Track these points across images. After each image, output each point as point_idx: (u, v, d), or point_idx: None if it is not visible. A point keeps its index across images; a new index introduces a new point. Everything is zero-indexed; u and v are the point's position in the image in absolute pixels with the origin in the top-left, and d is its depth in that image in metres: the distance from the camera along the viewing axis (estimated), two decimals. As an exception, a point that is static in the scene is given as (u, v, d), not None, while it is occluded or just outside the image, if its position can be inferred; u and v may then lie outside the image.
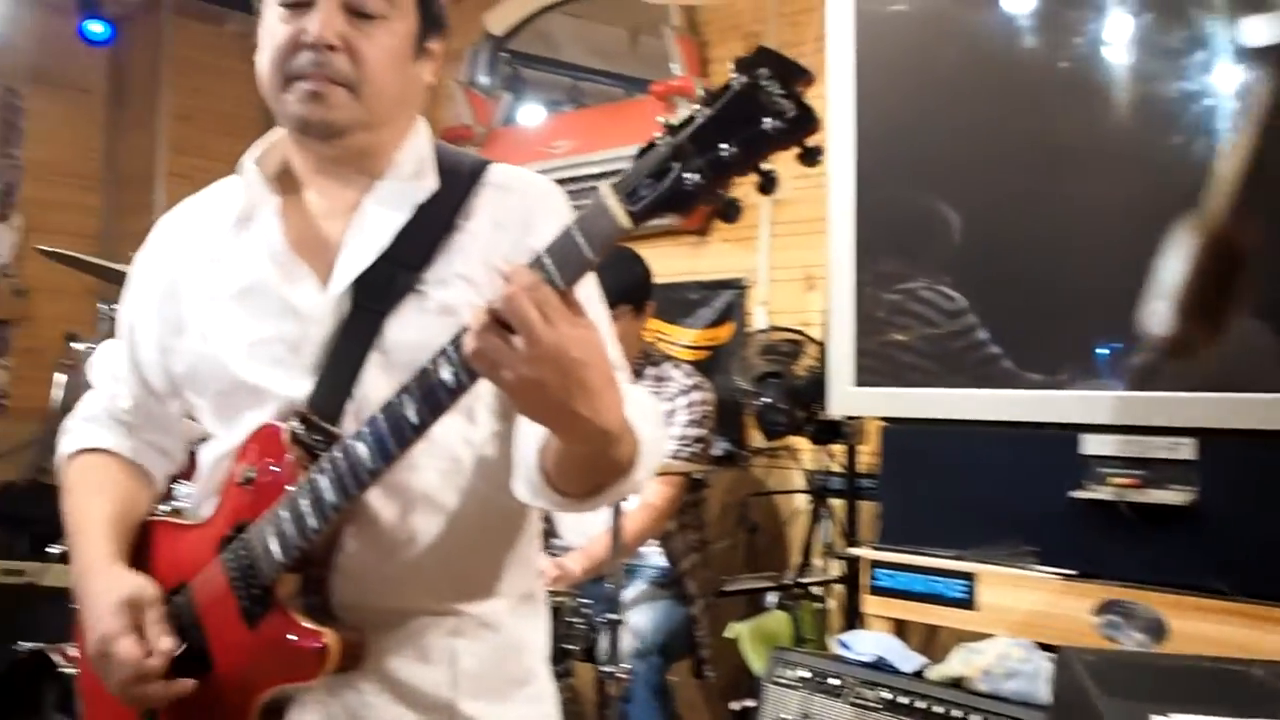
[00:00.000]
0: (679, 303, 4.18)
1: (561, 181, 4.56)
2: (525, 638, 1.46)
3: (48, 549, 4.04)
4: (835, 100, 2.83)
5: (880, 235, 2.85)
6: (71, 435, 1.57)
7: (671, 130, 1.03)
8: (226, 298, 1.42)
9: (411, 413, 1.18)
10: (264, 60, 1.36)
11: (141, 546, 1.48)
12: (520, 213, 1.38)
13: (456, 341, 1.13)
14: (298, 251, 1.39)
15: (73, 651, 3.00)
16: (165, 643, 1.34)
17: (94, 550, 1.43)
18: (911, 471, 2.79)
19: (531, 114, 5.24)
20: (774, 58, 1.00)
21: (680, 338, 4.19)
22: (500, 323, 1.06)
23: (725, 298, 4.11)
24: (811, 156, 1.02)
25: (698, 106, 1.02)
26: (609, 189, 1.04)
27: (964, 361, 2.70)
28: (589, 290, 1.36)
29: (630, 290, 3.23)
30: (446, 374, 1.14)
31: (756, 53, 1.00)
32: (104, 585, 1.38)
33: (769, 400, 3.29)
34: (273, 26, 1.35)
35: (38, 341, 5.56)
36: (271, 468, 1.33)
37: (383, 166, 1.40)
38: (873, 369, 2.83)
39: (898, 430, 2.85)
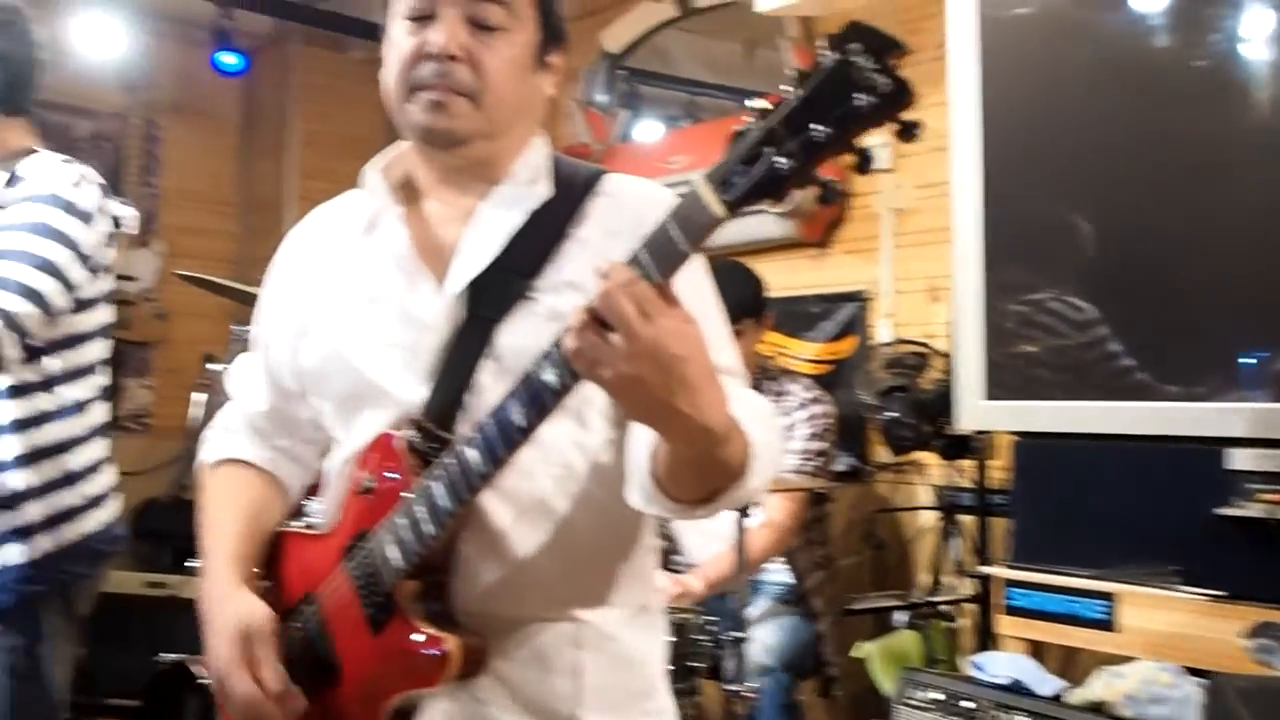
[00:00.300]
0: (800, 316, 4.14)
1: (681, 197, 4.52)
2: (645, 650, 1.45)
3: (188, 563, 4.19)
4: (959, 107, 2.78)
5: (1007, 244, 2.79)
6: (210, 445, 1.62)
7: (762, 114, 1.01)
8: (351, 302, 1.45)
9: (518, 416, 1.18)
10: (389, 71, 1.39)
11: (273, 558, 1.52)
12: (632, 219, 1.35)
13: (559, 343, 1.13)
14: (420, 256, 1.42)
15: (212, 664, 3.10)
16: (274, 681, 1.36)
17: (219, 573, 1.46)
18: (1045, 487, 2.72)
19: (648, 130, 5.27)
20: (865, 31, 0.97)
21: (802, 352, 4.15)
22: (599, 321, 1.06)
23: (847, 310, 4.06)
24: (909, 131, 0.99)
25: (789, 89, 1.00)
26: (702, 179, 1.03)
27: (1098, 373, 2.62)
28: (698, 285, 1.36)
29: (748, 304, 3.22)
30: (550, 376, 1.15)
31: (847, 28, 0.98)
32: (222, 611, 1.42)
33: (895, 415, 3.24)
34: (398, 39, 1.38)
35: (177, 363, 5.77)
36: (389, 476, 1.35)
37: (501, 175, 1.42)
38: (1002, 382, 2.77)
39: (1030, 445, 2.77)
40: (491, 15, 1.35)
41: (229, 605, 1.42)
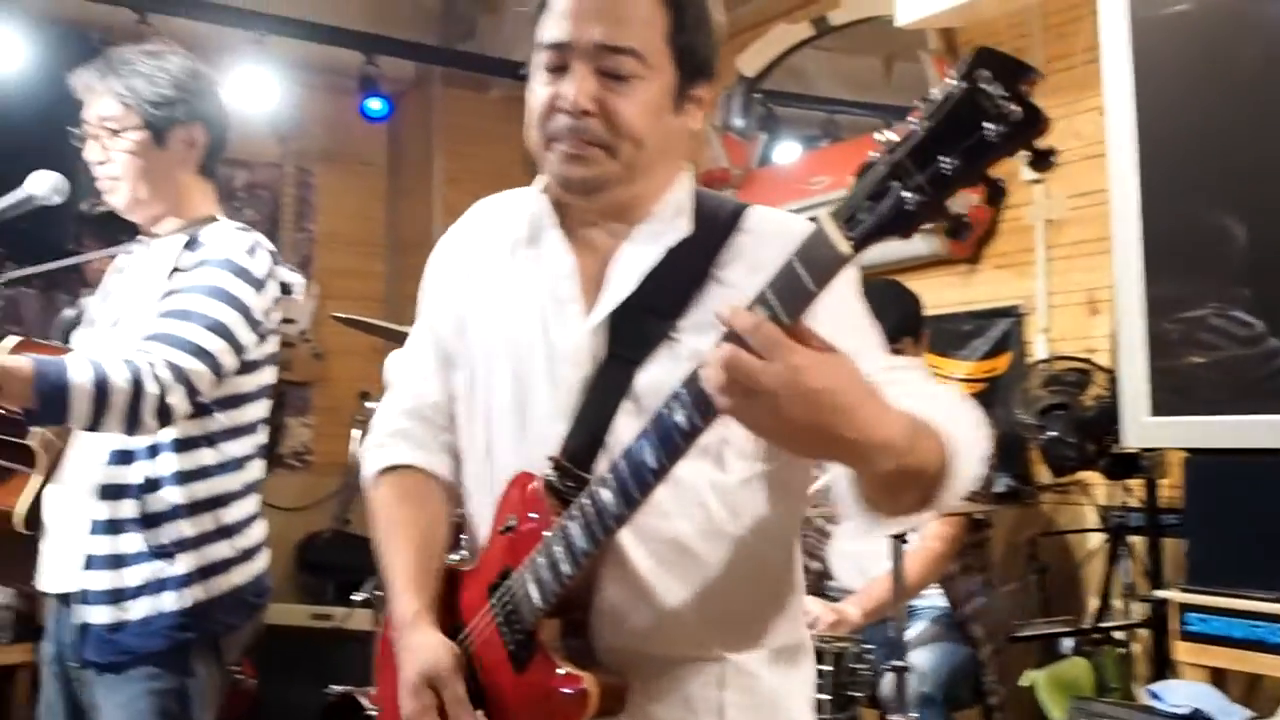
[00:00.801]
0: (951, 334, 4.04)
1: (822, 218, 4.46)
2: (789, 689, 1.42)
3: (353, 595, 4.31)
4: (1113, 112, 2.68)
5: (1169, 254, 2.67)
6: (373, 454, 1.61)
7: (889, 147, 0.98)
8: (504, 315, 1.46)
9: (650, 457, 1.18)
10: (529, 121, 1.41)
11: (440, 596, 1.52)
12: (775, 256, 1.36)
13: (689, 384, 1.12)
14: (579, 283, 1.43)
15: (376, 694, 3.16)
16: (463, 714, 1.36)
17: (404, 602, 1.47)
18: (1221, 506, 2.59)
19: (787, 152, 5.23)
20: (994, 57, 0.93)
21: (954, 371, 4.05)
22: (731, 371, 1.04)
23: (1001, 327, 3.94)
24: (1043, 160, 0.95)
25: (916, 121, 0.97)
26: (827, 215, 1.00)
27: (1270, 386, 2.48)
28: (845, 297, 1.32)
29: (907, 322, 3.18)
30: (680, 417, 1.14)
31: (975, 55, 0.94)
32: (407, 647, 1.43)
33: (1056, 434, 3.13)
34: (537, 89, 1.39)
35: (335, 401, 5.96)
36: (529, 515, 1.37)
37: (644, 214, 1.42)
38: (1170, 397, 2.65)
39: (1203, 462, 2.64)
40: (623, 66, 1.35)
41: (416, 640, 1.43)
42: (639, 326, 1.36)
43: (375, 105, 5.48)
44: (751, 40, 4.95)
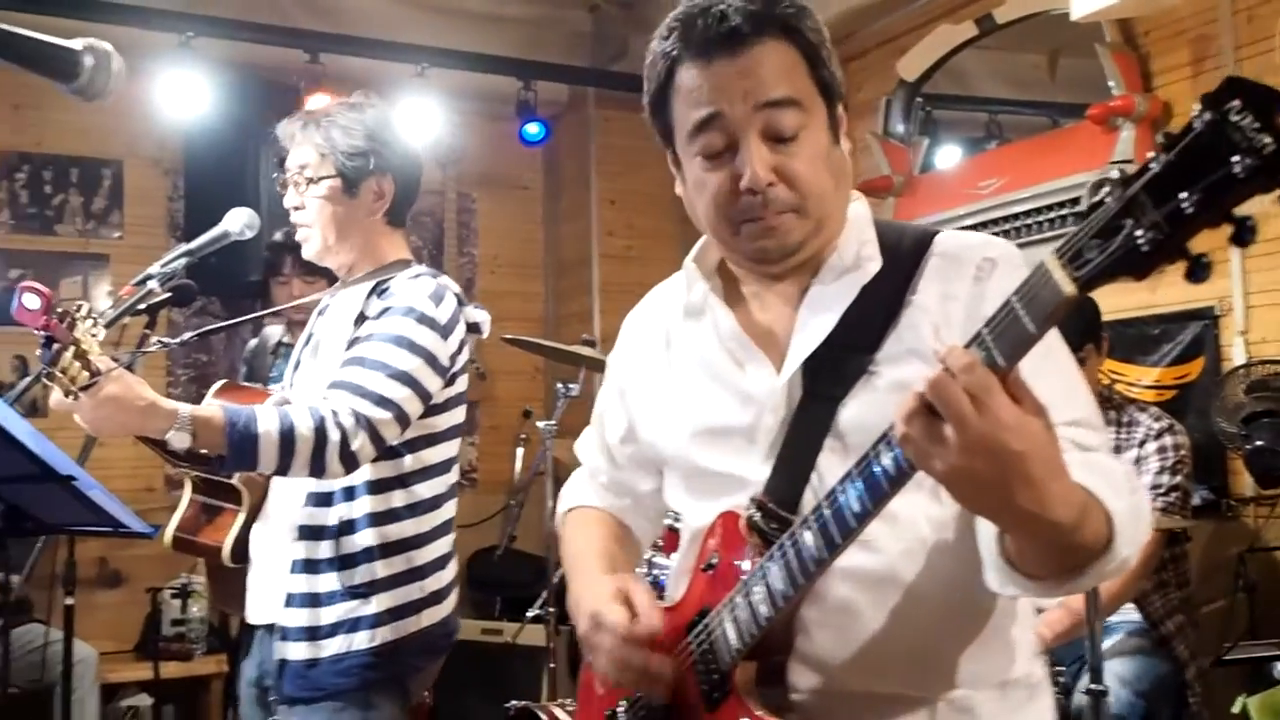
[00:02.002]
0: (1137, 339, 3.86)
1: (994, 221, 4.36)
2: None
3: (526, 612, 4.36)
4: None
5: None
6: (564, 499, 1.74)
7: (1123, 182, 0.91)
8: (679, 385, 1.47)
9: (854, 500, 1.14)
10: (701, 208, 1.37)
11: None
12: (973, 281, 1.32)
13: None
14: (749, 337, 1.41)
15: (557, 710, 3.19)
16: (652, 611, 1.35)
17: (589, 575, 1.52)
18: None
19: (949, 156, 5.10)
20: (1247, 87, 0.85)
21: (1140, 378, 3.86)
22: (931, 408, 1.00)
23: (1192, 330, 3.74)
24: None
25: (1154, 154, 0.89)
26: (1052, 255, 0.94)
27: None
28: (1052, 346, 1.26)
29: (1089, 329, 3.05)
30: (887, 460, 1.10)
31: (1224, 84, 0.86)
32: (596, 587, 1.44)
33: (1262, 443, 2.95)
34: (700, 177, 1.35)
35: (498, 419, 6.07)
36: (730, 555, 1.35)
37: (825, 256, 1.39)
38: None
39: None
40: (788, 122, 1.31)
41: (603, 581, 1.44)
42: (836, 364, 1.33)
43: (533, 130, 5.57)
44: (911, 44, 4.85)
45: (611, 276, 5.90)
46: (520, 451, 5.71)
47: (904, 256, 1.36)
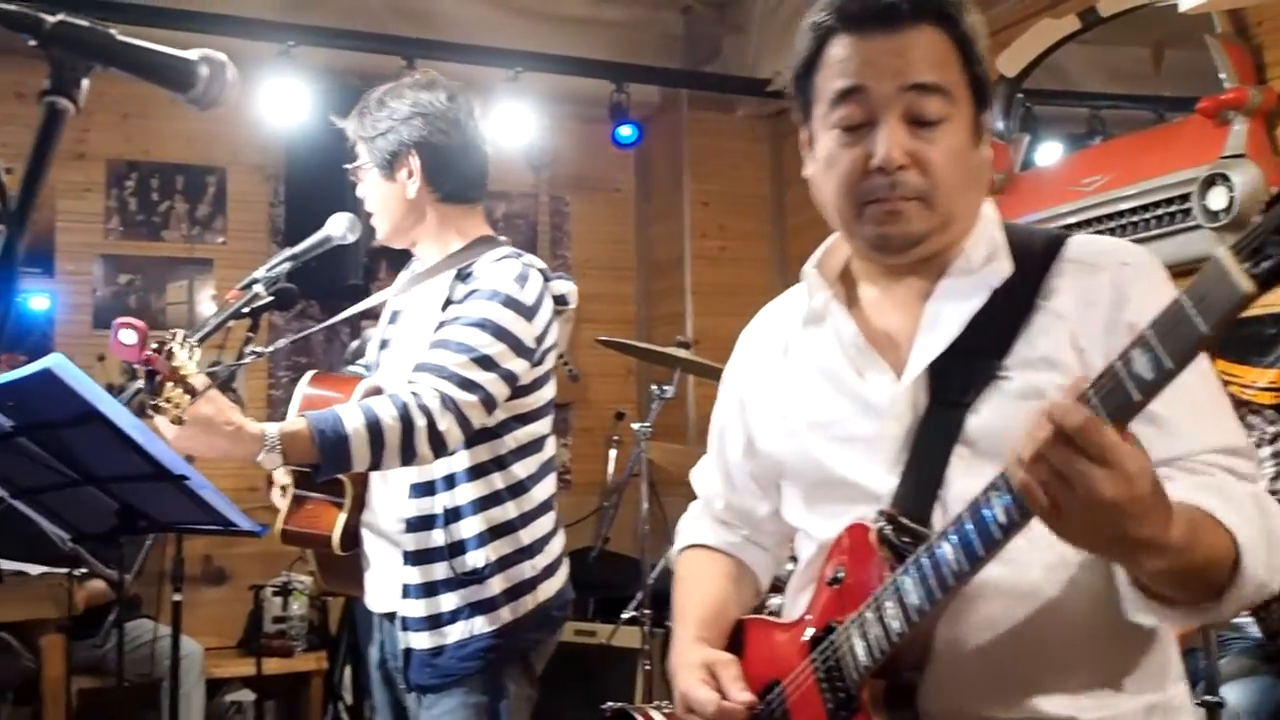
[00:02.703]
0: (1248, 340, 3.72)
1: (1097, 219, 4.21)
2: None
3: (621, 614, 4.36)
4: None
5: None
6: (681, 534, 1.70)
7: None
8: (806, 395, 1.44)
9: (1000, 512, 1.10)
10: (830, 186, 1.35)
11: (738, 643, 1.52)
12: (1111, 287, 1.28)
13: None
14: (870, 343, 1.39)
15: (653, 711, 3.18)
16: (741, 694, 1.36)
17: (684, 640, 1.51)
18: None
19: (1050, 153, 4.98)
20: None
21: (1255, 379, 3.72)
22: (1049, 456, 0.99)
23: (1311, 330, 3.60)
24: None
25: None
26: (1226, 251, 0.90)
27: None
28: (1203, 366, 1.23)
29: None
30: None
31: None
32: (687, 659, 1.45)
33: (1388, 447, 2.82)
34: (833, 151, 1.33)
35: (591, 421, 6.09)
36: (858, 568, 1.32)
37: (951, 256, 1.36)
38: None
39: None
40: (931, 108, 1.29)
41: (692, 654, 1.46)
42: (963, 369, 1.30)
43: (626, 132, 5.57)
44: (1010, 39, 4.75)
45: (704, 278, 5.88)
46: (613, 453, 5.73)
47: (1034, 260, 1.33)
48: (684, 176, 5.97)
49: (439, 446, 2.05)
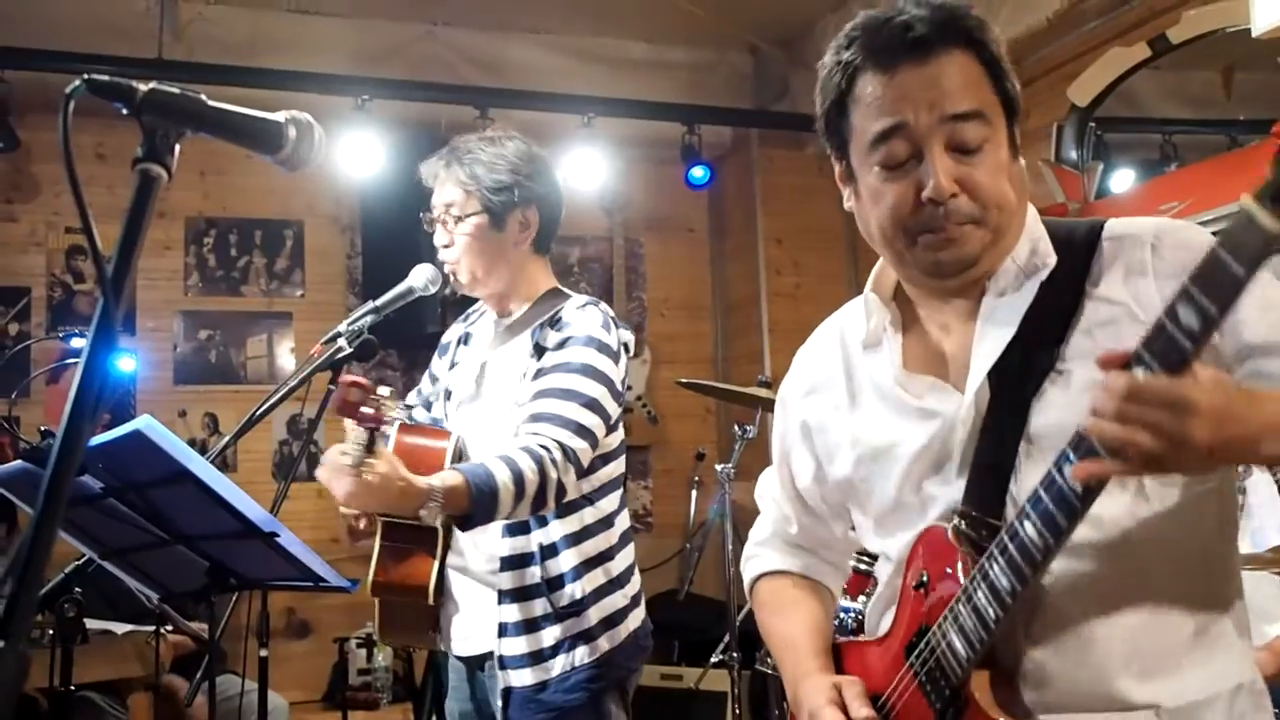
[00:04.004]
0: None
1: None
2: None
3: (710, 657, 4.30)
4: None
5: None
6: (751, 562, 1.72)
7: None
8: (868, 419, 1.46)
9: (1076, 482, 1.14)
10: (877, 220, 1.35)
11: (837, 666, 1.53)
12: (1154, 255, 1.30)
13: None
14: (922, 370, 1.41)
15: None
16: (862, 710, 1.38)
17: (802, 665, 1.52)
18: None
19: (1122, 180, 4.89)
20: None
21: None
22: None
23: None
24: None
25: None
26: (1249, 199, 0.99)
27: None
28: (1267, 284, 1.25)
29: None
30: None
31: None
32: (814, 685, 1.46)
33: None
34: (877, 187, 1.33)
35: (672, 463, 6.06)
36: (944, 569, 1.34)
37: (999, 264, 1.37)
38: None
39: None
40: (972, 135, 1.30)
41: (819, 681, 1.46)
42: (1022, 364, 1.32)
43: (698, 173, 5.59)
44: (1080, 69, 4.68)
45: (780, 315, 5.84)
46: (694, 494, 5.69)
47: (1078, 248, 1.35)
48: (757, 215, 5.96)
49: (561, 496, 2.13)
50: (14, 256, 5.29)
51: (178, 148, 1.14)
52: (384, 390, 1.89)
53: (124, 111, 1.13)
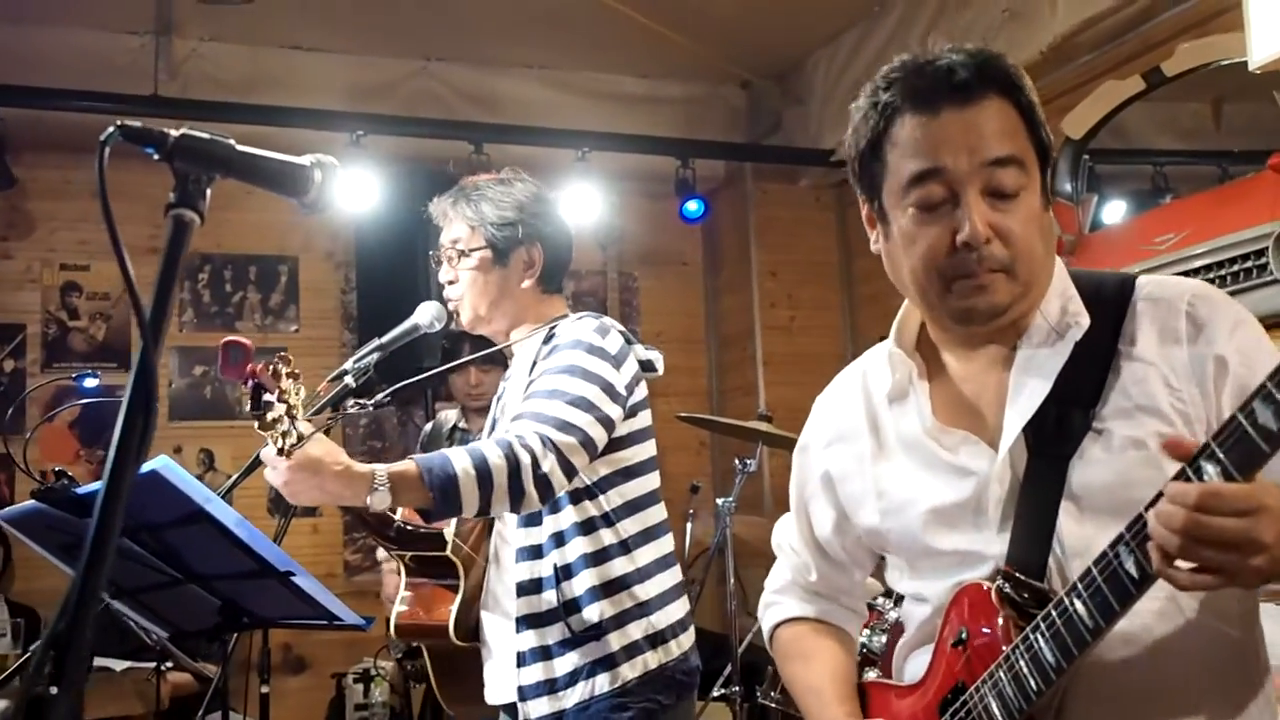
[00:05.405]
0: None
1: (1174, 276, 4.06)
2: None
3: (711, 691, 4.28)
4: None
5: None
6: (770, 610, 1.70)
7: None
8: (894, 470, 1.45)
9: (1131, 565, 1.12)
10: (909, 262, 1.35)
11: (860, 711, 1.53)
12: (1188, 322, 1.30)
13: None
14: (952, 422, 1.40)
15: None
16: None
17: (828, 711, 1.51)
18: None
19: (1114, 211, 4.93)
20: None
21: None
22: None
23: None
24: None
25: None
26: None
27: None
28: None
29: None
30: None
31: None
32: None
33: None
34: (911, 230, 1.34)
35: (667, 494, 5.94)
36: (983, 629, 1.32)
37: (1029, 321, 1.37)
38: None
39: None
40: (1009, 181, 1.30)
41: None
42: (1059, 423, 1.30)
43: (693, 207, 5.59)
44: (1074, 102, 4.73)
45: (775, 348, 5.85)
46: (689, 526, 5.67)
47: (1108, 307, 1.34)
48: (751, 248, 5.98)
49: (545, 488, 2.02)
50: (9, 293, 5.28)
51: (209, 192, 1.15)
52: (283, 367, 1.78)
53: (155, 157, 1.14)
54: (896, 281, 1.40)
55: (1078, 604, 1.17)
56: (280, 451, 1.79)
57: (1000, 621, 1.29)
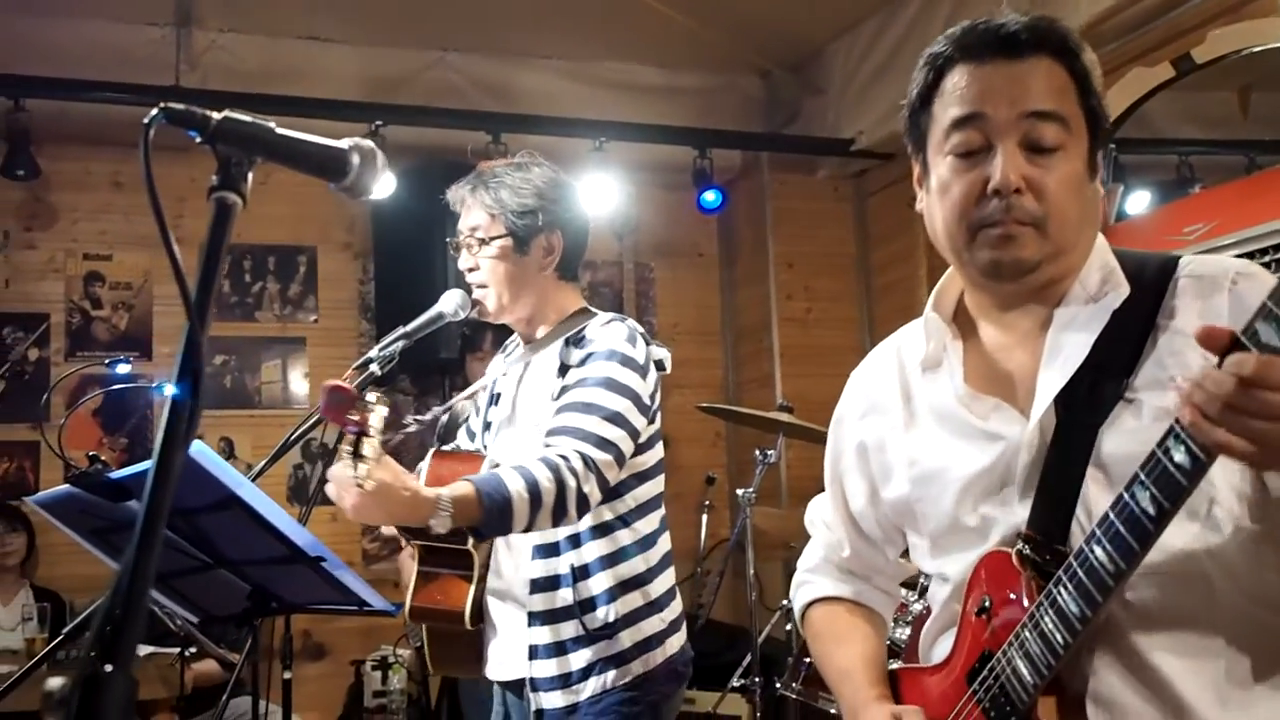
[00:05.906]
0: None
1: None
2: None
3: (729, 681, 4.29)
4: None
5: None
6: (803, 589, 1.71)
7: None
8: (925, 440, 1.45)
9: (1147, 503, 1.13)
10: (942, 211, 1.36)
11: (894, 694, 1.53)
12: (1231, 299, 1.29)
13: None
14: (984, 390, 1.40)
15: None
16: None
17: (861, 694, 1.52)
18: None
19: (1138, 201, 4.91)
20: None
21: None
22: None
23: None
24: None
25: None
26: None
27: None
28: None
29: None
30: (1180, 455, 1.09)
31: None
32: (874, 715, 1.46)
33: None
34: (947, 178, 1.35)
35: (682, 487, 6.04)
36: (1009, 595, 1.32)
37: (1065, 289, 1.36)
38: None
39: None
40: (1048, 135, 1.30)
41: (880, 712, 1.46)
42: (1090, 390, 1.31)
43: (710, 197, 5.59)
44: (1105, 88, 4.71)
45: (791, 339, 5.86)
46: (705, 518, 5.68)
47: (1149, 281, 1.34)
48: (768, 239, 5.97)
49: (583, 507, 2.09)
50: (33, 283, 5.32)
51: (251, 175, 1.16)
52: (371, 397, 1.83)
53: (198, 140, 1.15)
54: (933, 239, 1.40)
55: (1097, 550, 1.18)
56: (361, 484, 1.79)
57: (1023, 584, 1.30)
